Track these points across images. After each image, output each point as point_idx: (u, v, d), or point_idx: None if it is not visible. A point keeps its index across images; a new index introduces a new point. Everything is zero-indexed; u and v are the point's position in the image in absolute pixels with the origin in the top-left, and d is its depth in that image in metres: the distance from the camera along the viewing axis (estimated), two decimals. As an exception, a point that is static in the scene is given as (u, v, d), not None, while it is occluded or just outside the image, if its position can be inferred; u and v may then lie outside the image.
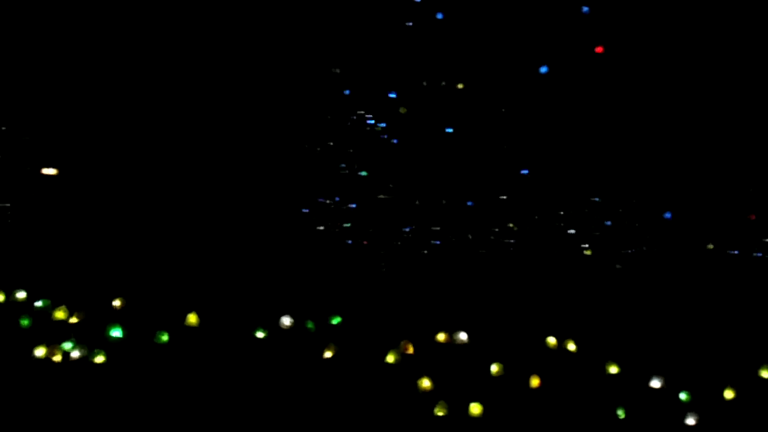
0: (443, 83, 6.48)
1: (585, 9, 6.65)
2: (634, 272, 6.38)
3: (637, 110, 6.52)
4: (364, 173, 6.31)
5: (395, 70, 6.46)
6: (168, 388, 5.77)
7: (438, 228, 6.35)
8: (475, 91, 6.51)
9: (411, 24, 6.48)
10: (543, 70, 6.54)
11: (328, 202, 6.28)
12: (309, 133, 6.34)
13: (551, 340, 6.13)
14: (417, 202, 6.37)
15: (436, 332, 6.10)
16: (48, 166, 6.20)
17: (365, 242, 6.24)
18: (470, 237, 6.36)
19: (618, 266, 6.39)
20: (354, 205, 6.32)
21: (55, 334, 5.85)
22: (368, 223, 6.32)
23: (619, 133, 6.52)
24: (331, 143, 6.34)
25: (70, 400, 5.73)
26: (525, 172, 6.44)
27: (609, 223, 6.43)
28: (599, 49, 6.60)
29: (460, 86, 6.49)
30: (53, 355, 5.79)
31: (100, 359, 5.81)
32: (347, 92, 6.41)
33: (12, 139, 6.18)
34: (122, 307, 5.93)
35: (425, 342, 6.05)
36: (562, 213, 6.42)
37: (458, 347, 6.08)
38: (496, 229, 6.38)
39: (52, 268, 5.99)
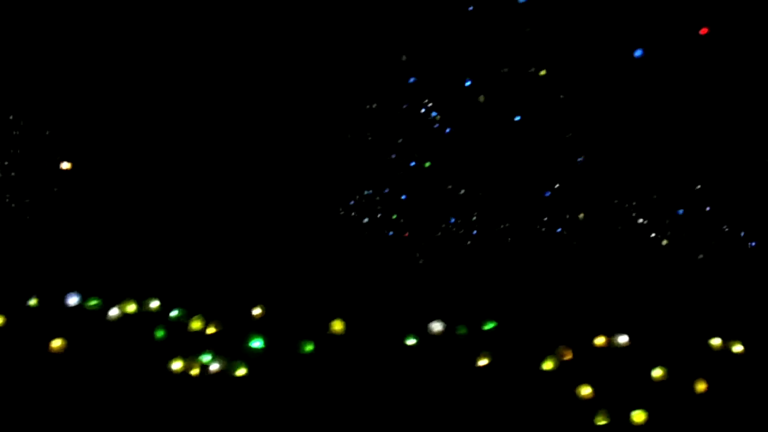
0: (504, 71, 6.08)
1: None
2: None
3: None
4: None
5: (464, 56, 6.05)
6: (314, 401, 5.37)
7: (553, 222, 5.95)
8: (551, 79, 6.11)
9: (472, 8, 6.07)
10: (637, 53, 6.12)
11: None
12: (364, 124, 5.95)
13: (715, 342, 5.72)
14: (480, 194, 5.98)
15: (595, 336, 5.69)
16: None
17: (406, 234, 5.84)
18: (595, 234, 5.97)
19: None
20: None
21: (192, 346, 5.44)
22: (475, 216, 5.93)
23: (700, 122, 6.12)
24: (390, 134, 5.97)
25: (209, 416, 5.34)
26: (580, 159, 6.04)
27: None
28: (704, 31, 6.17)
29: (542, 73, 6.09)
30: (191, 368, 5.38)
31: (240, 372, 5.40)
32: (412, 80, 6.02)
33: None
34: (262, 315, 5.52)
35: (583, 347, 5.65)
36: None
37: (618, 351, 5.67)
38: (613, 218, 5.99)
39: (185, 274, 5.58)
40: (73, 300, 5.47)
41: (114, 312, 5.47)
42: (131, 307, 5.47)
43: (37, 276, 5.52)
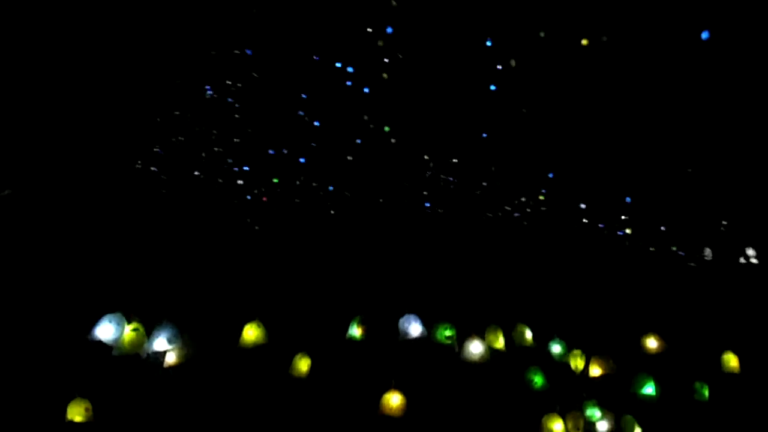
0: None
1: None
2: None
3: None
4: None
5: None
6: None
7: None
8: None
9: None
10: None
11: None
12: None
13: None
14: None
15: None
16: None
17: None
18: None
19: None
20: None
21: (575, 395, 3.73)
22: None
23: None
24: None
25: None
26: None
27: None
28: None
29: None
30: (576, 429, 3.68)
31: None
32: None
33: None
34: (660, 349, 3.91)
35: None
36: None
37: None
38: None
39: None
40: (415, 328, 3.49)
41: (476, 348, 3.56)
42: (499, 342, 3.60)
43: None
